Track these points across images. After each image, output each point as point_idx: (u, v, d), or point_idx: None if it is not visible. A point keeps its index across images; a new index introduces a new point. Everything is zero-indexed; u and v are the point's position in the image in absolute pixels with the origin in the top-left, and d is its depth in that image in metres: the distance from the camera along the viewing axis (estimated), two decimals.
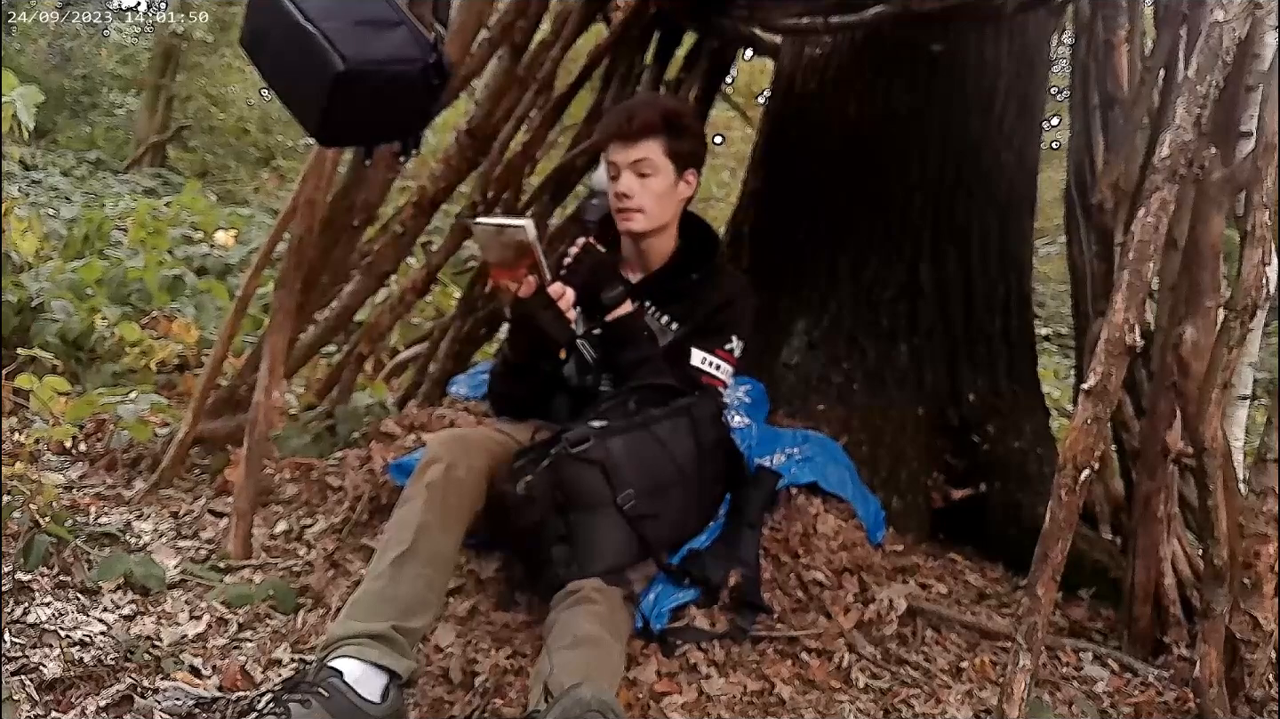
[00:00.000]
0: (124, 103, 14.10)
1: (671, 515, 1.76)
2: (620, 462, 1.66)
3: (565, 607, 1.57)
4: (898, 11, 2.61)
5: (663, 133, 1.86)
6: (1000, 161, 2.89)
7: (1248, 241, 1.67)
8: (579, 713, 1.25)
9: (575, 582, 1.60)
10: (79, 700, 1.45)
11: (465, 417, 2.32)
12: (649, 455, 1.71)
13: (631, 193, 1.86)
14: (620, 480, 1.65)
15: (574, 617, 1.54)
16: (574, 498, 1.65)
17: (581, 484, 1.64)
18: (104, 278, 4.37)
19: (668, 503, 1.73)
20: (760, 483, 2.02)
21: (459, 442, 1.70)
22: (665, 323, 1.95)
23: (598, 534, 1.65)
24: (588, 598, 1.57)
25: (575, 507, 1.65)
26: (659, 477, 1.72)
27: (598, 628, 1.51)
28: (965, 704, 1.74)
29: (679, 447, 1.76)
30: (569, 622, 1.53)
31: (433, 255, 3.13)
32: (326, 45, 1.38)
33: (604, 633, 1.51)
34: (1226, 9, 1.53)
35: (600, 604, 1.57)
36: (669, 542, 1.79)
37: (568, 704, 1.26)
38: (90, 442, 2.77)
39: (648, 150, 1.86)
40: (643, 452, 1.71)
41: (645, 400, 1.80)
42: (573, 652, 1.44)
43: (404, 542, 1.52)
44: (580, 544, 1.64)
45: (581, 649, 1.45)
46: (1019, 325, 2.91)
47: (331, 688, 1.34)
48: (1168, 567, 2.01)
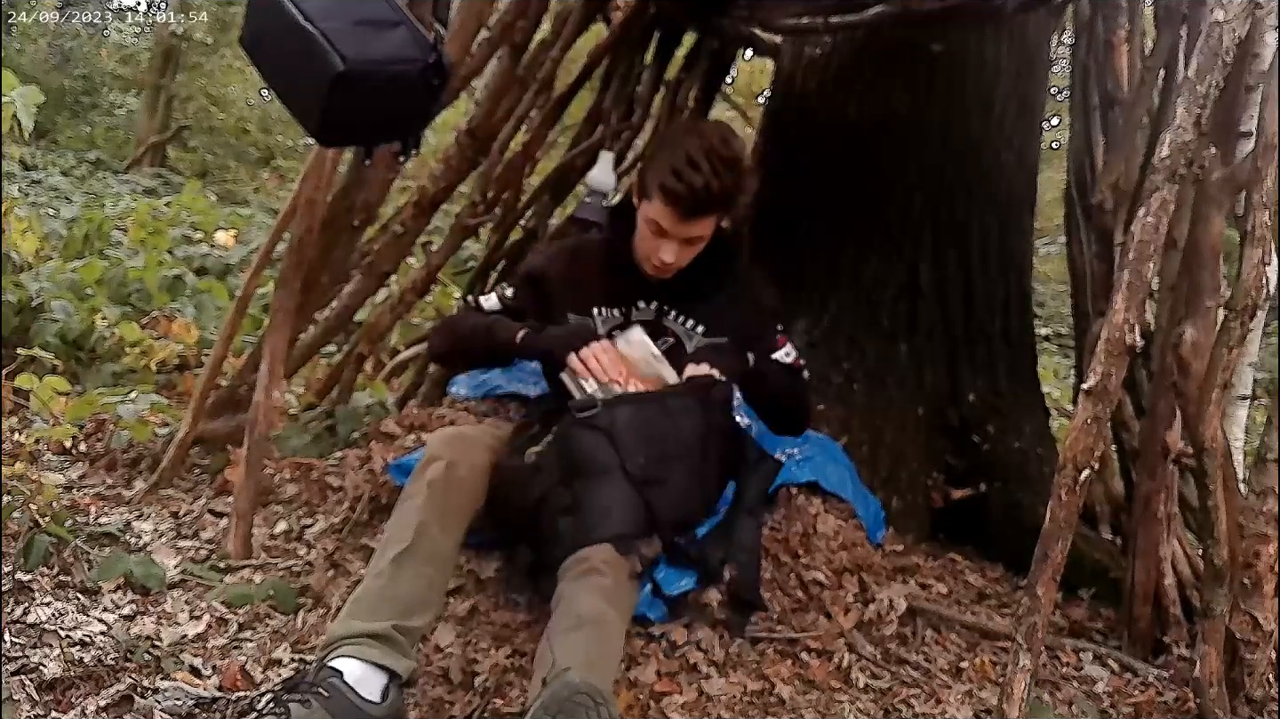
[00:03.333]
0: (124, 103, 14.12)
1: (677, 488, 1.71)
2: (626, 429, 1.64)
3: (572, 577, 1.54)
4: (898, 11, 2.61)
5: (722, 209, 1.78)
6: (1000, 161, 2.89)
7: (1248, 241, 1.67)
8: (567, 695, 1.27)
9: (585, 549, 1.56)
10: (79, 700, 1.45)
11: (465, 417, 2.31)
12: (656, 426, 1.69)
13: (676, 260, 1.81)
14: (625, 448, 1.63)
15: (579, 591, 1.51)
16: (580, 466, 1.63)
17: (587, 451, 1.63)
18: (104, 278, 4.37)
19: (673, 475, 1.70)
20: (761, 469, 1.97)
21: (459, 440, 1.70)
22: (690, 327, 1.92)
23: (605, 500, 1.62)
24: (596, 569, 1.53)
25: (581, 474, 1.63)
26: (665, 448, 1.69)
27: (602, 604, 1.48)
28: (965, 704, 1.74)
29: (687, 421, 1.73)
30: (573, 597, 1.50)
31: (433, 255, 3.13)
32: (326, 45, 1.38)
33: (609, 609, 1.49)
34: (1226, 9, 1.53)
35: (607, 577, 1.53)
36: (673, 516, 1.73)
37: (557, 688, 1.28)
38: (90, 442, 2.77)
39: (703, 228, 1.79)
40: (650, 421, 1.68)
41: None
42: (576, 634, 1.43)
43: (404, 540, 1.52)
44: (587, 511, 1.61)
45: (585, 631, 1.43)
46: (1019, 325, 2.91)
47: (331, 688, 1.34)
48: (1168, 567, 2.01)
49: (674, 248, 1.79)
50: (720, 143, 1.74)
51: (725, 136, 1.77)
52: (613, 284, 1.92)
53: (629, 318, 1.91)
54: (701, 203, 1.72)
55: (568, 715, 1.25)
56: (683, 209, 1.73)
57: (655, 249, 1.80)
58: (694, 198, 1.71)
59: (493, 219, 3.26)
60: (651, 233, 1.79)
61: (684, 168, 1.70)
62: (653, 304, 1.91)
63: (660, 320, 1.92)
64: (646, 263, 1.85)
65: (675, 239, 1.78)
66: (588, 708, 1.26)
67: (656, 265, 1.83)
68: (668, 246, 1.79)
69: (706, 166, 1.69)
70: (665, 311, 1.92)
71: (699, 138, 1.74)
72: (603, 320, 1.90)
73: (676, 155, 1.71)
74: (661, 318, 1.92)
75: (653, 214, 1.77)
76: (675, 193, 1.71)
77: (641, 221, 1.81)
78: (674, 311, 1.92)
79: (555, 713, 1.26)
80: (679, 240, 1.78)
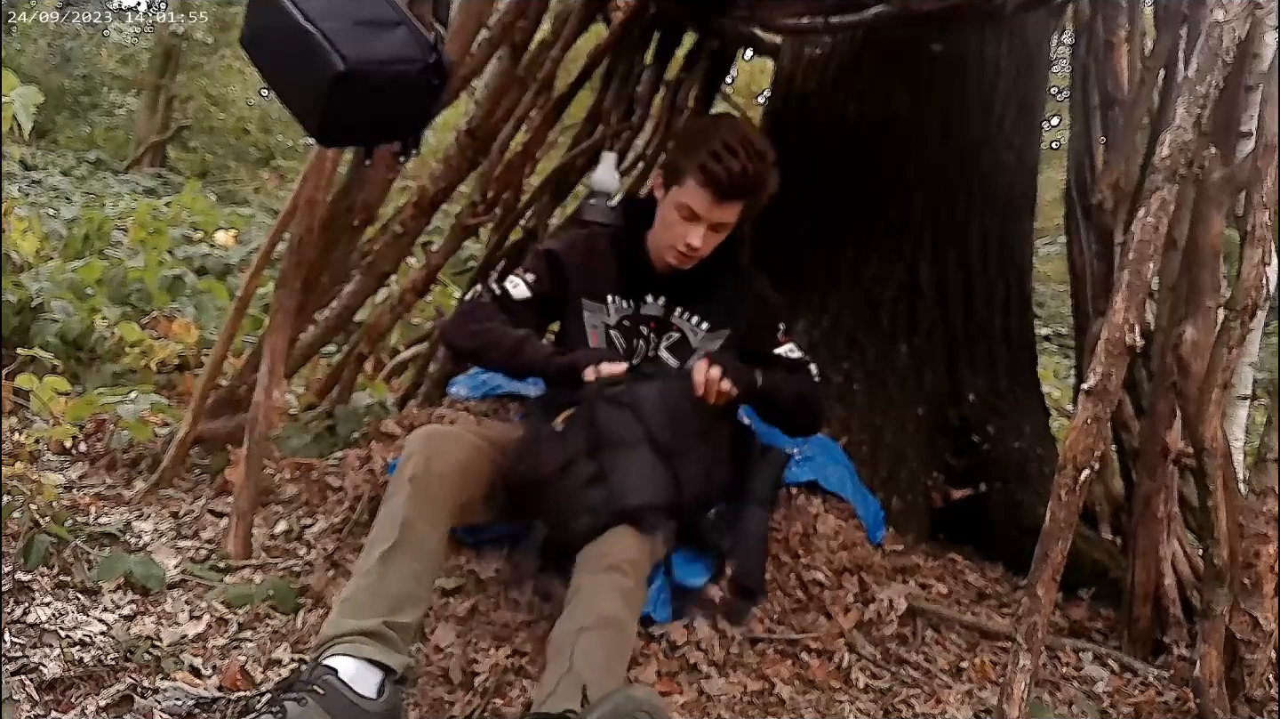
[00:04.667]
0: (124, 103, 14.14)
1: (700, 462, 1.74)
2: (652, 404, 1.67)
3: (593, 571, 1.55)
4: (898, 11, 2.61)
5: (752, 196, 1.83)
6: (1000, 161, 2.89)
7: (1248, 241, 1.67)
8: (631, 709, 1.27)
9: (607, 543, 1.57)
10: (79, 700, 1.45)
11: (465, 417, 2.31)
12: (680, 404, 1.72)
13: (703, 246, 1.84)
14: (653, 421, 1.66)
15: (600, 588, 1.51)
16: (607, 439, 1.64)
17: (615, 424, 1.65)
18: (104, 278, 4.37)
19: (696, 449, 1.73)
20: (769, 458, 1.99)
21: (438, 436, 1.70)
22: (695, 323, 1.94)
23: (634, 470, 1.63)
24: (618, 567, 1.54)
25: (609, 446, 1.64)
26: (687, 425, 1.72)
27: (621, 607, 1.49)
28: (965, 704, 1.74)
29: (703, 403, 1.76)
30: (594, 594, 1.50)
31: (433, 255, 3.13)
32: (326, 45, 1.38)
33: (626, 614, 1.50)
34: (1226, 9, 1.53)
35: (629, 578, 1.54)
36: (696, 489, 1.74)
37: (620, 701, 1.28)
38: (90, 442, 2.77)
39: (731, 214, 1.83)
40: (673, 399, 1.72)
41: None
42: (597, 634, 1.43)
43: (390, 537, 1.52)
44: (615, 481, 1.62)
45: (606, 634, 1.44)
46: (1019, 325, 2.91)
47: (327, 686, 1.33)
48: (1168, 567, 2.01)
49: (702, 232, 1.82)
50: (751, 132, 1.86)
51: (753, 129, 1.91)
52: (625, 275, 1.94)
53: (639, 310, 1.93)
54: (737, 186, 1.78)
55: None
56: (720, 191, 1.78)
57: (684, 234, 1.83)
58: (731, 180, 1.77)
59: (493, 219, 3.26)
60: (682, 217, 1.83)
61: (723, 151, 1.76)
62: (660, 299, 1.93)
63: (668, 317, 1.93)
64: (670, 252, 1.87)
65: (705, 223, 1.82)
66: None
67: (682, 252, 1.85)
68: (696, 231, 1.82)
69: (743, 153, 1.76)
70: (672, 307, 1.93)
71: (731, 128, 1.83)
72: (615, 309, 1.92)
73: (713, 141, 1.78)
74: (669, 314, 1.93)
75: (685, 198, 1.81)
76: (714, 174, 1.77)
77: (669, 208, 1.84)
78: (679, 307, 1.94)
79: None
80: (708, 225, 1.82)
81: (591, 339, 1.91)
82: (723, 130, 1.81)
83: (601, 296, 1.94)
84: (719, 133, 1.80)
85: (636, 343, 1.93)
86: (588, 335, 1.92)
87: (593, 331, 1.92)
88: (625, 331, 1.93)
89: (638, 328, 1.93)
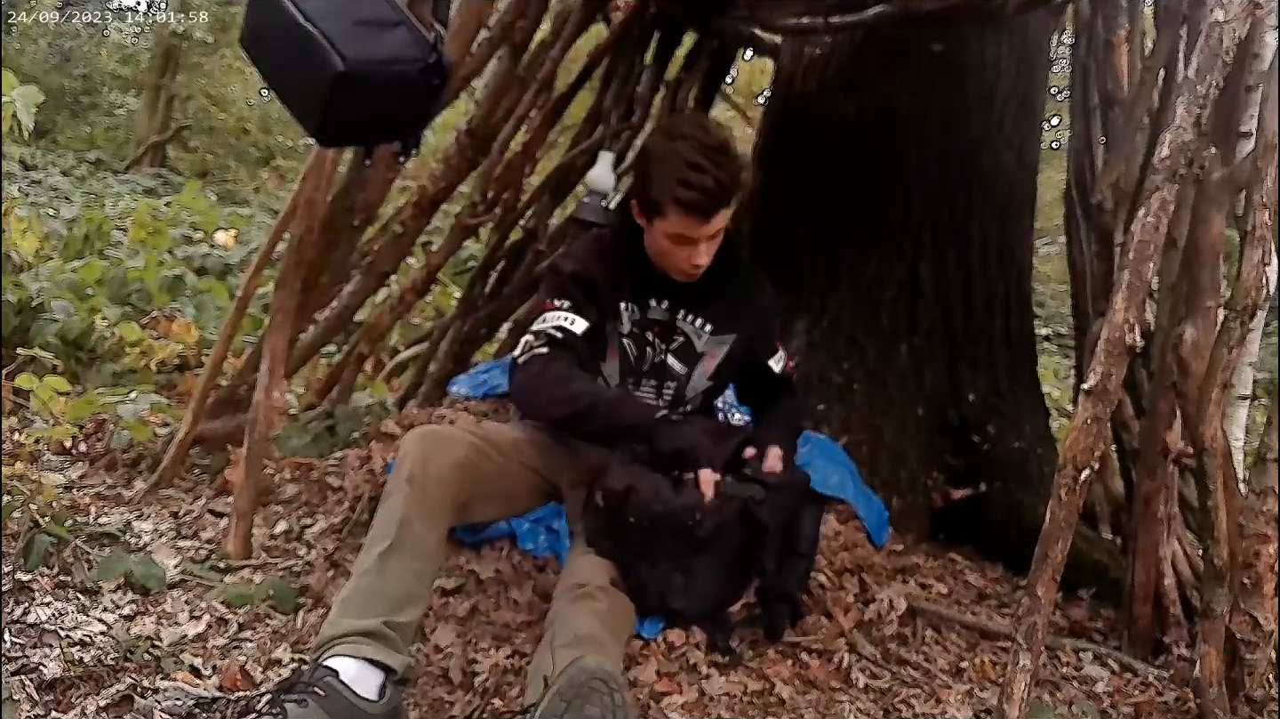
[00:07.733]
0: (124, 103, 14.13)
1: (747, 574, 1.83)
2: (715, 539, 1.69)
3: (569, 600, 1.58)
4: (898, 11, 2.61)
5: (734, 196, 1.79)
6: (1000, 161, 2.89)
7: (1248, 241, 1.67)
8: (583, 679, 1.28)
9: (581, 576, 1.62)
10: (79, 700, 1.45)
11: (465, 417, 2.32)
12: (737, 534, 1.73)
13: (706, 259, 1.81)
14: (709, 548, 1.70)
15: (575, 613, 1.54)
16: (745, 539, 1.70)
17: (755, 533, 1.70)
18: (104, 278, 4.38)
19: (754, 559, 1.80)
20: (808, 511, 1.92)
21: (434, 436, 1.69)
22: (699, 326, 1.92)
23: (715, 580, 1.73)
24: (591, 595, 1.57)
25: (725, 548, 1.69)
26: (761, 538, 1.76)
27: (597, 627, 1.51)
28: (965, 704, 1.74)
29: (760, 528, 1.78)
30: (569, 619, 1.53)
31: (433, 255, 3.13)
32: (326, 45, 1.38)
33: (604, 633, 1.51)
34: (1226, 9, 1.53)
35: (602, 602, 1.57)
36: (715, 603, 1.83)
37: (573, 672, 1.30)
38: (90, 442, 2.77)
39: (722, 221, 1.79)
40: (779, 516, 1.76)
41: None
42: (573, 650, 1.44)
43: (388, 537, 1.52)
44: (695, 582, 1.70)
45: (583, 648, 1.45)
46: (1019, 325, 2.91)
47: (328, 687, 1.33)
48: (1168, 567, 2.01)
49: (702, 249, 1.80)
50: (704, 134, 1.74)
51: (703, 126, 1.79)
52: (632, 281, 1.92)
53: (646, 314, 1.91)
54: (717, 199, 1.73)
55: (583, 700, 1.27)
56: (703, 212, 1.73)
57: (686, 257, 1.79)
58: (710, 197, 1.71)
59: (493, 219, 3.27)
60: (675, 245, 1.78)
61: (691, 174, 1.69)
62: (664, 303, 1.91)
63: (672, 321, 1.92)
64: (677, 273, 1.84)
65: (701, 241, 1.78)
66: (602, 693, 1.28)
67: (689, 271, 1.83)
68: (695, 252, 1.79)
69: (708, 164, 1.69)
70: (675, 310, 1.92)
71: (684, 140, 1.73)
72: (628, 316, 1.89)
73: (678, 167, 1.70)
74: (673, 318, 1.92)
75: (673, 228, 1.76)
76: (691, 201, 1.71)
77: (660, 238, 1.80)
78: (684, 310, 1.93)
79: (571, 698, 1.28)
80: (704, 240, 1.79)
81: (610, 350, 1.88)
82: (681, 150, 1.71)
83: (616, 304, 1.90)
84: (679, 155, 1.71)
85: (646, 350, 1.91)
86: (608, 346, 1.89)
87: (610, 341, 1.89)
88: (637, 339, 1.90)
89: (645, 334, 1.91)
